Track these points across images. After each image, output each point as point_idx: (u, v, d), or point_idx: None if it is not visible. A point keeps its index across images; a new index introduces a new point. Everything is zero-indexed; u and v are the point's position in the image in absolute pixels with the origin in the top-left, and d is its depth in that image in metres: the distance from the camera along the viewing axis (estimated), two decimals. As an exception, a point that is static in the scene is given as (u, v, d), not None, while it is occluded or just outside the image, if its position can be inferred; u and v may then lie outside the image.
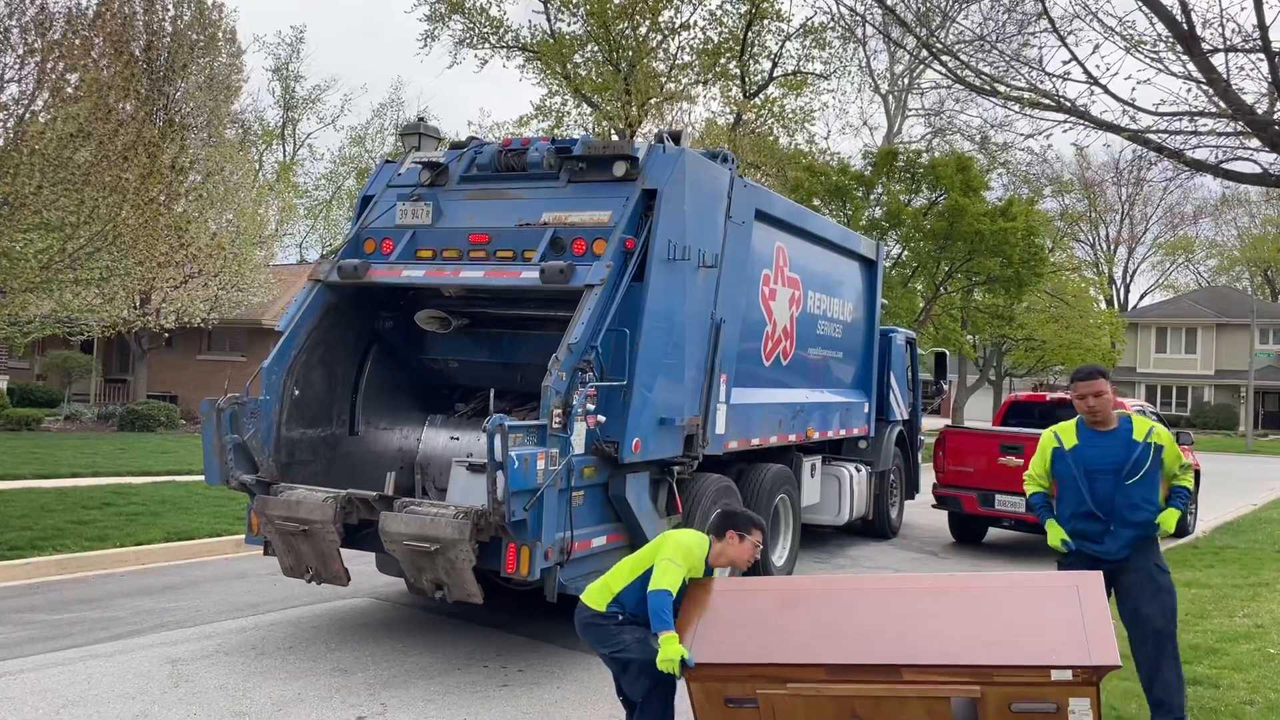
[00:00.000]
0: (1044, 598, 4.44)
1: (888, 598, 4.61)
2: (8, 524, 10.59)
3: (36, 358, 29.68)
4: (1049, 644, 4.12)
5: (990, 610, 4.39)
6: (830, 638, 4.40)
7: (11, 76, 10.89)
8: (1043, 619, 4.28)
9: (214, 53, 24.35)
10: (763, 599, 4.74)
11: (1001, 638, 4.22)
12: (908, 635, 4.29)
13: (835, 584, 5.09)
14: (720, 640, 4.48)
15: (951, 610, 4.41)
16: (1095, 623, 4.17)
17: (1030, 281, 27.35)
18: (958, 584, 4.80)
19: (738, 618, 4.59)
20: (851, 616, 4.49)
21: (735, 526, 5.08)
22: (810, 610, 4.59)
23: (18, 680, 6.30)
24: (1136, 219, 60.50)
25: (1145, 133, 9.14)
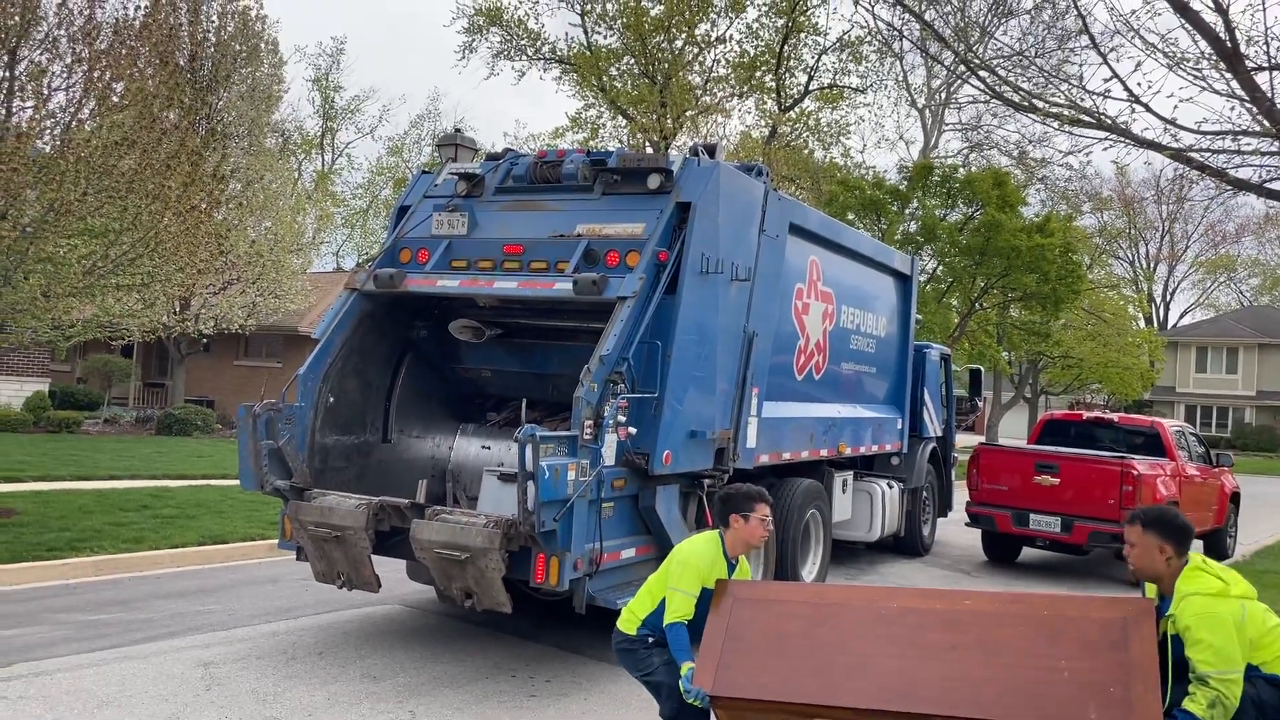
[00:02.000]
0: (1091, 633, 4.08)
1: (924, 620, 4.31)
2: (47, 525, 10.76)
3: (77, 361, 30.17)
4: (1089, 700, 3.83)
5: (1031, 646, 4.08)
6: (858, 673, 4.17)
7: (59, 85, 11.11)
8: (1085, 664, 3.96)
9: (256, 63, 24.70)
10: (790, 614, 4.52)
11: (1041, 689, 3.92)
12: (943, 676, 4.05)
13: (868, 598, 4.68)
14: (745, 667, 4.35)
15: (990, 642, 4.13)
16: (1140, 674, 3.85)
17: (1067, 298, 27.04)
18: (998, 607, 4.38)
19: (763, 640, 4.42)
20: (883, 644, 4.25)
21: (735, 509, 5.00)
22: (839, 632, 4.36)
23: (54, 680, 6.40)
24: (1177, 236, 59.75)
25: (1188, 151, 9.03)
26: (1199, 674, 4.00)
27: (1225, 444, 46.57)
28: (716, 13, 26.75)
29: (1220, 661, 3.96)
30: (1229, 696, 3.93)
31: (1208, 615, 4.02)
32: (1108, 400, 46.14)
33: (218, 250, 19.10)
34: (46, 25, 11.03)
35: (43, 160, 10.55)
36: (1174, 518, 4.36)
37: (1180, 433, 14.12)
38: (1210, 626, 4.00)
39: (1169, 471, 12.75)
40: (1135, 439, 13.82)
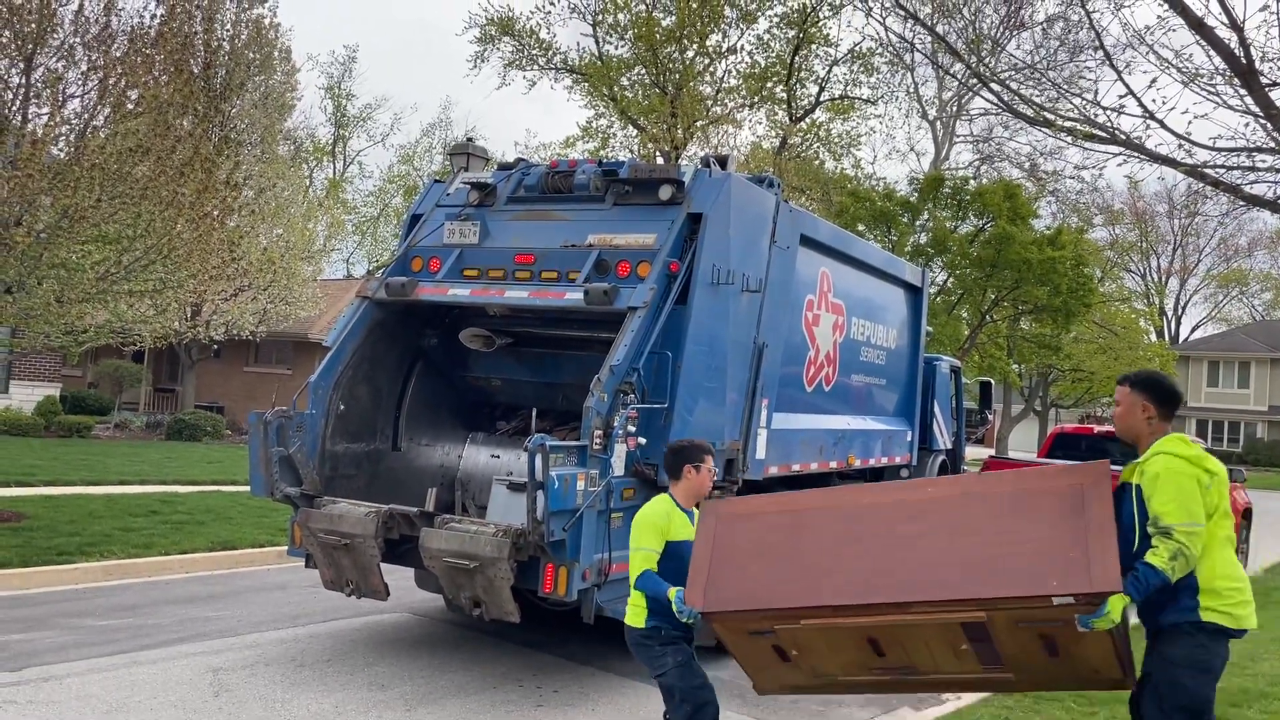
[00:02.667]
0: (1051, 503, 4.13)
1: (893, 514, 4.40)
2: (57, 529, 10.80)
3: (89, 366, 30.31)
4: (1049, 567, 3.92)
5: (995, 523, 4.15)
6: (835, 572, 4.29)
7: (74, 92, 11.20)
8: (1046, 532, 4.03)
9: (269, 71, 24.83)
10: (771, 526, 4.61)
11: (1003, 561, 4.03)
12: (912, 563, 4.17)
13: (840, 500, 4.85)
14: (732, 582, 4.46)
15: (954, 525, 4.21)
16: (1098, 534, 3.92)
17: (1078, 311, 26.99)
18: (962, 489, 4.47)
19: (747, 553, 4.51)
20: (856, 542, 4.35)
21: (688, 460, 5.10)
22: (816, 536, 4.46)
23: (63, 685, 6.41)
24: (1189, 250, 59.49)
25: (1202, 167, 9.00)
26: (1162, 526, 4.01)
27: (1237, 459, 46.27)
28: (728, 24, 26.84)
29: (1184, 514, 3.98)
30: (1190, 549, 3.95)
31: (1175, 471, 4.05)
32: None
33: (229, 257, 19.17)
34: (62, 33, 11.13)
35: (57, 166, 10.62)
36: (1160, 380, 4.39)
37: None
38: (1176, 481, 4.03)
39: (1180, 486, 12.68)
40: (1146, 453, 13.75)
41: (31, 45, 10.85)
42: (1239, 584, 4.13)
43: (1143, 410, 4.35)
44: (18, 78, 10.97)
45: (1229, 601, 4.09)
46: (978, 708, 6.96)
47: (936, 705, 7.15)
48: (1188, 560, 3.97)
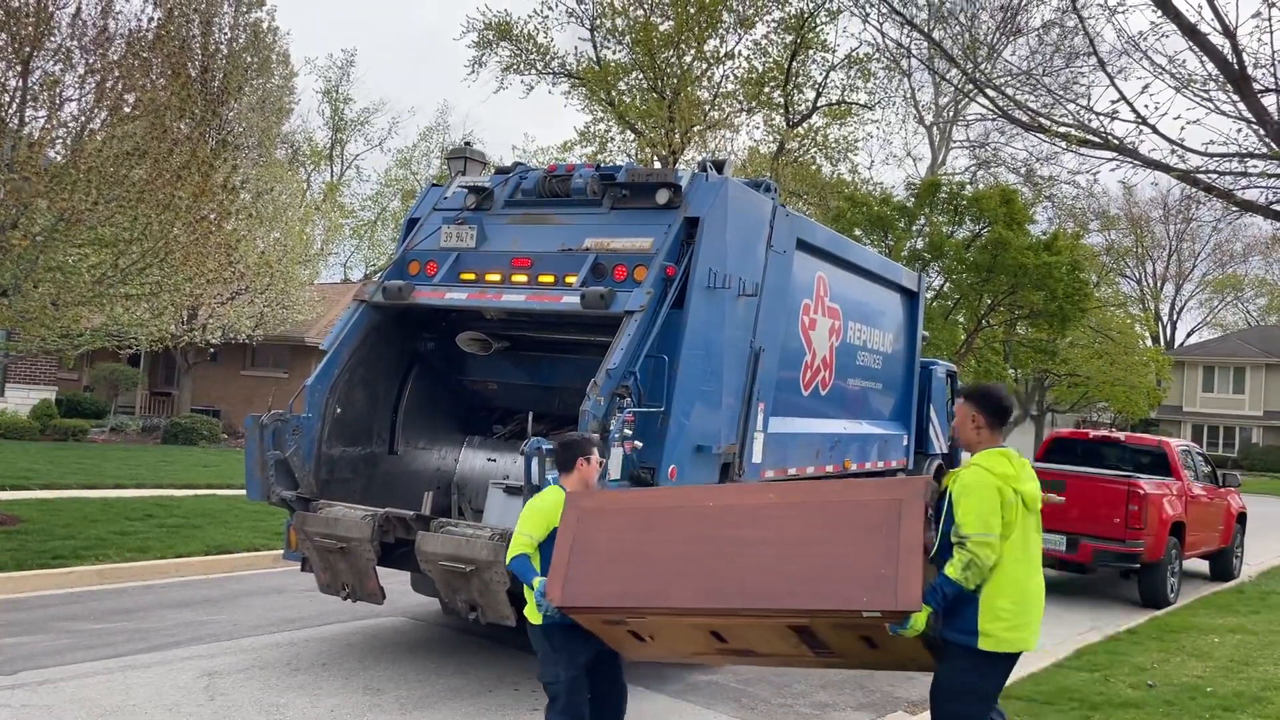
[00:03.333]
0: (872, 516, 4.37)
1: (737, 518, 4.64)
2: (52, 533, 10.78)
3: (85, 369, 30.25)
4: (861, 584, 4.19)
5: (821, 534, 4.41)
6: (682, 574, 4.54)
7: (71, 95, 11.19)
8: (862, 548, 4.28)
9: (267, 75, 24.86)
10: (627, 523, 4.83)
11: (822, 574, 4.29)
12: (745, 571, 4.43)
13: (693, 500, 5.00)
14: (588, 577, 4.69)
15: (787, 534, 4.47)
16: (907, 553, 4.17)
17: (1074, 316, 27.03)
18: (798, 498, 4.73)
19: (604, 549, 4.74)
20: (702, 544, 4.59)
21: (581, 453, 5.30)
22: (668, 536, 4.69)
23: (57, 689, 6.41)
24: (1184, 255, 59.62)
25: (1195, 173, 9.03)
26: (959, 535, 4.21)
27: (1232, 464, 46.37)
28: (725, 29, 26.87)
29: (979, 525, 4.16)
30: (981, 559, 4.14)
31: (980, 484, 4.23)
32: (1114, 419, 46.03)
33: (226, 260, 19.16)
34: (60, 36, 11.12)
35: (54, 169, 10.61)
36: (989, 391, 4.54)
37: (1187, 452, 14.08)
38: (979, 493, 4.21)
39: (1175, 491, 12.71)
40: (1142, 458, 13.78)
41: (29, 48, 10.84)
42: (1020, 606, 4.26)
43: (973, 421, 4.50)
44: (15, 80, 10.96)
45: (1006, 624, 4.24)
46: (973, 712, 6.97)
47: (932, 709, 7.17)
48: (980, 570, 4.17)
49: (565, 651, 4.98)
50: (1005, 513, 4.23)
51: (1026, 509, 4.32)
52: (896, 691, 7.72)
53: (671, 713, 6.80)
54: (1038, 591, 4.37)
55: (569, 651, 4.98)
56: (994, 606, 4.23)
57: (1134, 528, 11.67)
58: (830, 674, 8.05)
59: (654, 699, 7.02)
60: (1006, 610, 4.24)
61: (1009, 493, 4.25)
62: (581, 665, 5.01)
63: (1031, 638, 4.31)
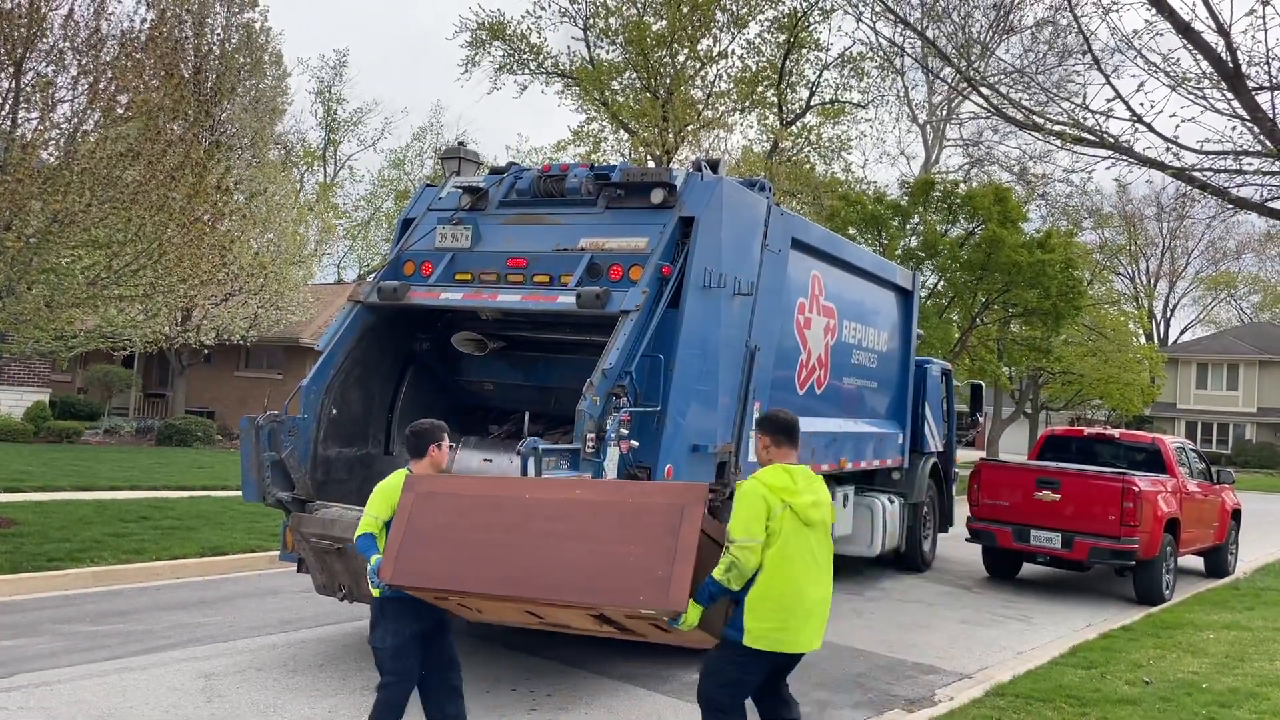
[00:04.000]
0: (657, 518, 4.67)
1: (547, 511, 4.96)
2: (47, 535, 10.76)
3: (79, 371, 30.16)
4: (640, 583, 4.54)
5: (613, 532, 4.73)
6: (493, 561, 4.92)
7: (64, 96, 11.17)
8: (644, 550, 4.60)
9: (260, 75, 24.81)
10: (454, 508, 5.15)
11: (611, 571, 4.63)
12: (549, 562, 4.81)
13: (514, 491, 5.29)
14: (417, 557, 5.04)
15: (584, 530, 4.81)
16: (682, 557, 4.49)
17: (1068, 314, 27.05)
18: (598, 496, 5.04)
19: (433, 531, 5.08)
20: (515, 534, 4.94)
21: (433, 440, 5.52)
22: (488, 523, 5.03)
23: (54, 691, 6.39)
24: (1178, 253, 59.79)
25: (1190, 171, 9.06)
26: (728, 539, 4.56)
27: (1226, 461, 46.49)
28: (719, 28, 26.87)
29: (742, 530, 4.49)
30: (742, 562, 4.47)
31: (749, 492, 4.56)
32: (1108, 416, 46.12)
33: (220, 262, 19.13)
34: (52, 37, 11.09)
35: (47, 171, 10.58)
36: (771, 416, 4.87)
37: (1181, 449, 14.12)
38: (747, 500, 4.54)
39: (1170, 488, 12.75)
40: (1136, 455, 13.82)
41: (21, 49, 10.82)
42: (782, 609, 4.56)
43: (762, 444, 4.85)
44: (7, 82, 10.93)
45: (768, 625, 4.55)
46: (970, 709, 6.99)
47: (929, 706, 7.18)
48: (741, 572, 4.49)
49: (395, 621, 5.26)
50: (771, 522, 4.51)
51: (801, 521, 4.58)
52: (894, 689, 7.74)
53: (671, 711, 6.80)
54: (808, 598, 4.63)
55: (398, 622, 5.25)
56: (757, 608, 4.54)
57: (1129, 525, 11.70)
58: (828, 672, 8.06)
59: (651, 698, 7.03)
60: (768, 612, 4.54)
61: (776, 503, 4.53)
62: (408, 635, 5.27)
63: (793, 640, 4.60)
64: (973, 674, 8.34)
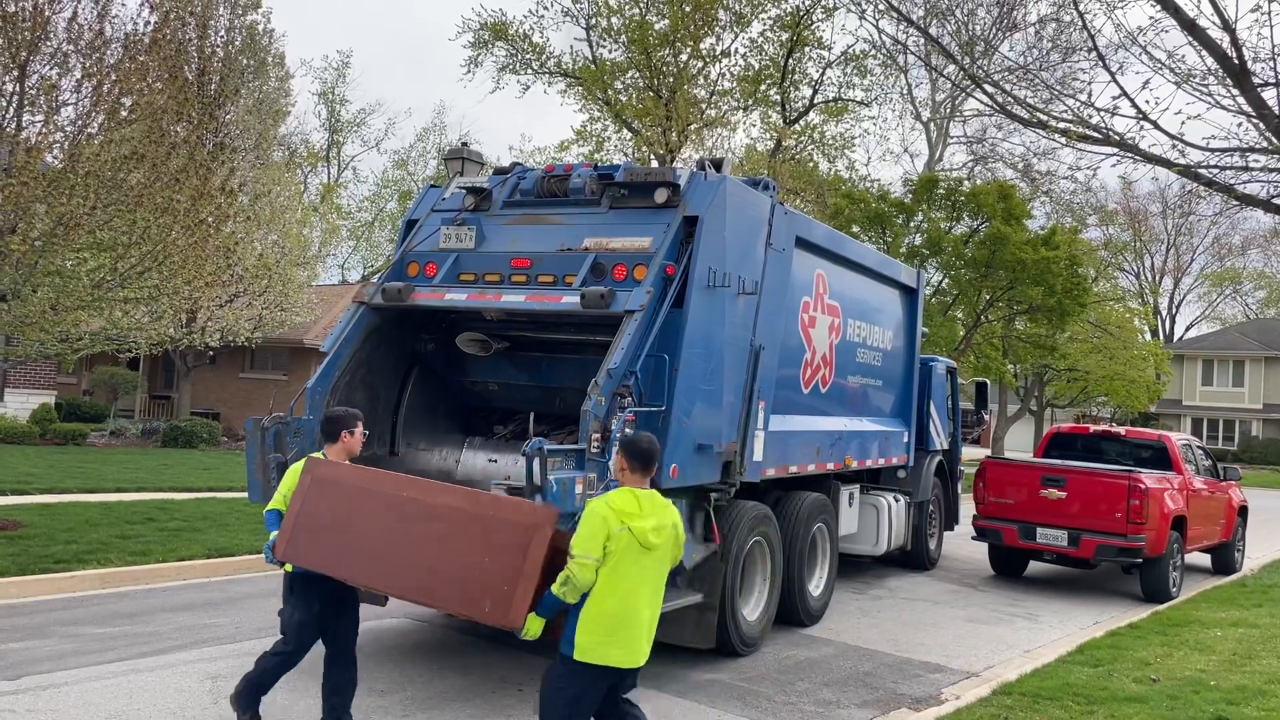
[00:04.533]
0: (510, 535, 5.01)
1: (419, 512, 5.33)
2: (53, 537, 10.78)
3: (84, 373, 30.24)
4: (488, 594, 4.95)
5: (473, 542, 5.09)
6: (366, 553, 5.40)
7: (69, 99, 11.17)
8: (499, 560, 4.97)
9: (263, 77, 24.82)
10: (340, 496, 5.57)
11: (465, 578, 5.05)
12: (414, 561, 5.26)
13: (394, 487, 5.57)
14: (304, 540, 5.54)
15: (449, 534, 5.17)
16: (527, 577, 4.85)
17: (1073, 311, 27.00)
18: (466, 505, 5.27)
19: (320, 517, 5.54)
20: (388, 529, 5.38)
21: (346, 426, 5.95)
22: (365, 516, 5.45)
23: (61, 693, 6.40)
24: (1183, 250, 59.72)
25: (1196, 168, 9.03)
26: (569, 554, 4.73)
27: (1232, 457, 46.39)
28: (721, 27, 26.86)
29: (580, 547, 4.68)
30: (577, 577, 4.66)
31: (591, 512, 4.75)
32: (1114, 413, 46.05)
33: (225, 263, 19.15)
34: (56, 40, 11.10)
35: (52, 174, 10.59)
36: (631, 441, 5.02)
37: (1187, 446, 14.09)
38: (588, 520, 4.72)
39: (1176, 485, 12.72)
40: (1142, 452, 13.80)
41: (25, 52, 10.83)
42: (609, 626, 4.70)
43: (619, 465, 5.01)
44: (11, 85, 10.94)
45: (594, 640, 4.69)
46: (976, 708, 6.98)
47: (936, 705, 7.17)
48: (575, 586, 4.68)
49: (303, 598, 5.71)
50: (609, 542, 4.66)
51: (639, 544, 4.71)
52: (900, 688, 7.73)
53: (678, 711, 6.80)
54: (638, 617, 4.75)
55: (306, 598, 5.71)
56: (587, 623, 4.71)
57: (1135, 522, 11.68)
58: (834, 672, 8.05)
59: (657, 698, 7.03)
60: (596, 627, 4.70)
61: (616, 525, 4.68)
62: (314, 612, 5.71)
63: (620, 655, 4.72)
64: (979, 672, 8.34)
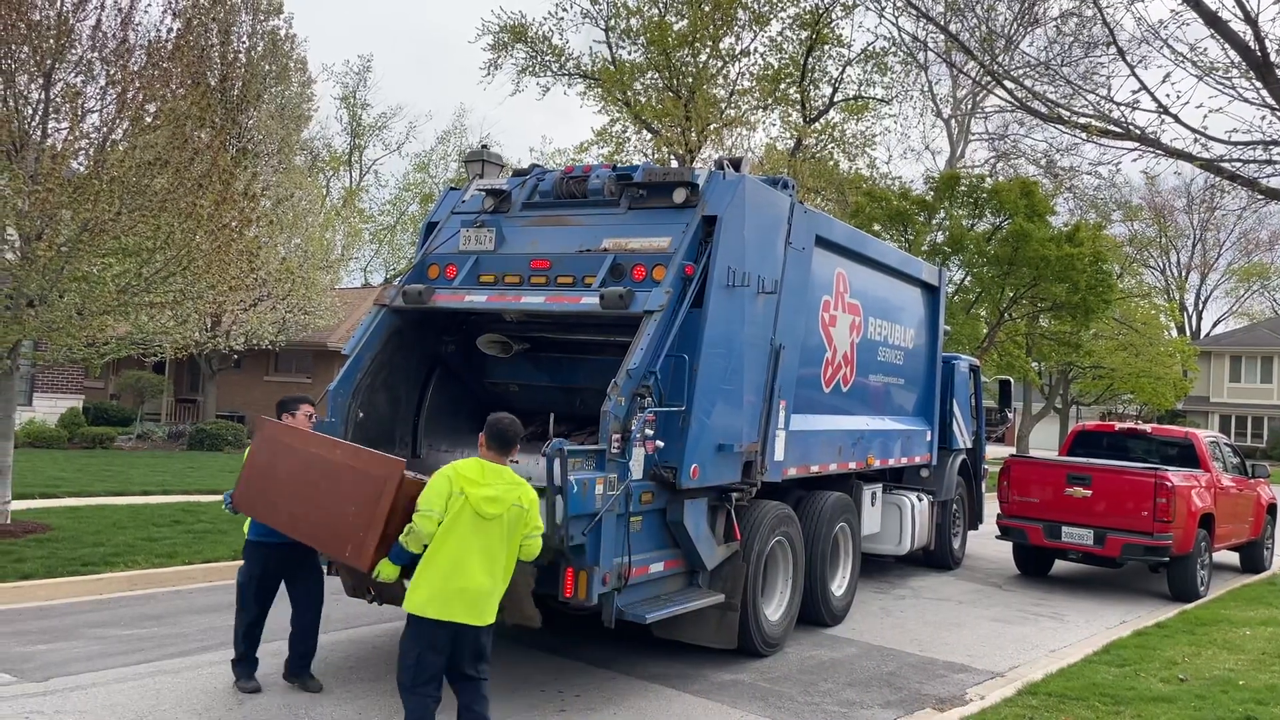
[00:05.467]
0: (369, 487, 5.68)
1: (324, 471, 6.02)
2: (81, 540, 10.89)
3: (111, 378, 30.53)
4: (350, 539, 5.70)
5: (346, 493, 5.82)
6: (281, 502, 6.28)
7: (93, 106, 11.28)
8: (360, 510, 5.67)
9: (285, 82, 24.99)
10: (278, 452, 6.43)
11: (337, 526, 5.84)
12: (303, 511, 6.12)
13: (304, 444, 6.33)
14: (250, 491, 6.48)
15: (332, 487, 5.92)
16: (377, 523, 5.53)
17: (1098, 308, 26.76)
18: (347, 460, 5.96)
19: (261, 470, 6.44)
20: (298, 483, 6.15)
21: (284, 410, 6.89)
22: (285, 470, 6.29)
23: (89, 694, 6.47)
24: (1209, 244, 59.00)
25: (1219, 161, 8.94)
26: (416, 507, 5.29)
27: (1261, 455, 45.83)
28: (740, 26, 26.82)
29: (424, 502, 5.26)
30: (418, 528, 5.22)
31: (440, 474, 5.32)
32: (1140, 411, 45.62)
33: (248, 267, 19.26)
34: (80, 48, 11.22)
35: (77, 180, 10.70)
36: (491, 420, 5.53)
37: (1215, 443, 13.94)
38: (434, 479, 5.31)
39: (1204, 483, 12.59)
40: (1169, 450, 13.66)
41: (50, 60, 10.95)
42: (439, 582, 5.17)
43: (481, 441, 5.50)
44: (37, 93, 11.07)
45: (424, 594, 5.18)
46: (1001, 708, 6.93)
47: (961, 705, 7.13)
48: (416, 536, 5.23)
49: (246, 561, 6.76)
50: (450, 501, 5.20)
51: (476, 513, 5.20)
52: (925, 688, 7.69)
53: (700, 711, 6.79)
54: (469, 580, 5.18)
55: (248, 562, 6.74)
56: (418, 577, 5.24)
57: (1162, 520, 11.57)
58: (857, 672, 8.02)
59: (680, 698, 7.03)
60: (425, 581, 5.20)
61: (456, 489, 5.21)
62: (254, 575, 6.69)
63: (446, 610, 5.16)
64: (1004, 672, 8.28)
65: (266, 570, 6.72)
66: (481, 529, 5.21)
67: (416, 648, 5.27)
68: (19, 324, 10.77)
